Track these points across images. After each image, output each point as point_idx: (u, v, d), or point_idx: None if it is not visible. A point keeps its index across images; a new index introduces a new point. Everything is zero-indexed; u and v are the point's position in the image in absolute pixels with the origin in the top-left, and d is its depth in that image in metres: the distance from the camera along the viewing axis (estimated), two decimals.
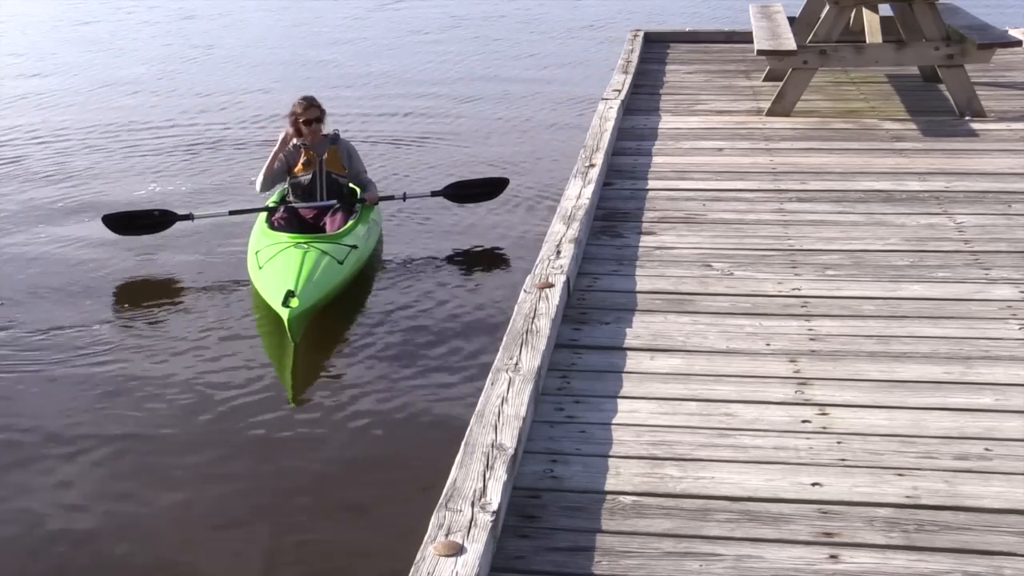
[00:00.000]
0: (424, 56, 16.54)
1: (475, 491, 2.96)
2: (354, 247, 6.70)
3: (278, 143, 7.31)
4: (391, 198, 7.61)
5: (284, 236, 6.63)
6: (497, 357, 3.83)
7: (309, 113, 7.21)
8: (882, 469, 3.28)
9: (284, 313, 5.81)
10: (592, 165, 6.35)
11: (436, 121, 12.00)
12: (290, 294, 5.88)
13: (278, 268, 6.28)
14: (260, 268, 6.42)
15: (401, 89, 13.89)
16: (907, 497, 3.13)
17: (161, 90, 14.00)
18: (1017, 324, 4.31)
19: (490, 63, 15.93)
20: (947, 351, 4.07)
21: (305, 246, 6.44)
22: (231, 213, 7.50)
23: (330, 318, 6.45)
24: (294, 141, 7.28)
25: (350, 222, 6.96)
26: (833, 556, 2.87)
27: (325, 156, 7.25)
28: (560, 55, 16.58)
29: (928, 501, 3.11)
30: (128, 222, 7.50)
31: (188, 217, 7.48)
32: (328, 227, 7.00)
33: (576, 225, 5.25)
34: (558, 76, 14.71)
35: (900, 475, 3.24)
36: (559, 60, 16.11)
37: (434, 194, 7.83)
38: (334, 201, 7.17)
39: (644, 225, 5.65)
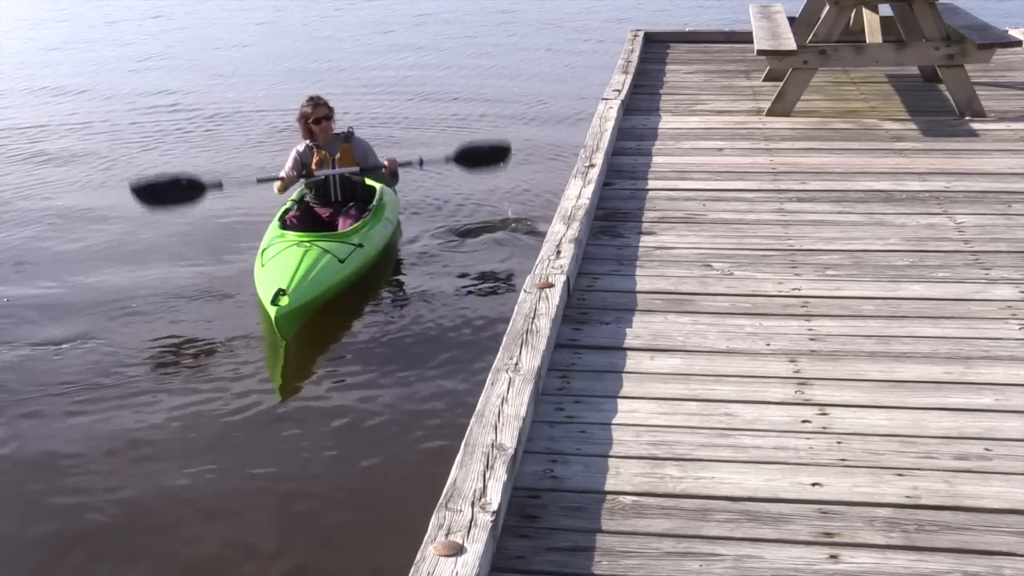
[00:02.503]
0: (420, 55, 16.55)
1: (475, 491, 2.96)
2: (359, 246, 6.65)
3: (290, 158, 7.27)
4: (408, 164, 7.48)
5: (292, 235, 6.62)
6: (497, 357, 3.83)
7: (318, 112, 7.18)
8: (882, 469, 3.28)
9: (272, 311, 5.84)
10: (592, 165, 6.35)
11: (433, 120, 12.00)
12: (280, 292, 5.89)
13: (277, 266, 6.28)
14: (263, 266, 6.42)
15: (396, 88, 13.90)
16: (907, 497, 3.13)
17: (134, 89, 14.10)
18: (1017, 324, 4.31)
19: (488, 63, 15.93)
20: (947, 351, 4.07)
21: (308, 244, 6.43)
22: (259, 181, 7.28)
23: (331, 315, 6.44)
24: (306, 143, 7.24)
25: (361, 221, 6.91)
26: (833, 556, 2.87)
27: (338, 155, 7.20)
28: (559, 55, 16.59)
29: (928, 501, 3.11)
30: (156, 191, 6.92)
31: (218, 185, 7.01)
32: (340, 226, 6.96)
33: (576, 225, 5.25)
34: (557, 76, 14.71)
35: (900, 475, 3.24)
36: (558, 60, 16.11)
37: (447, 160, 7.63)
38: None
39: (644, 225, 5.65)
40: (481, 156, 7.72)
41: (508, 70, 15.27)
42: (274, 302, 5.86)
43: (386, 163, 7.28)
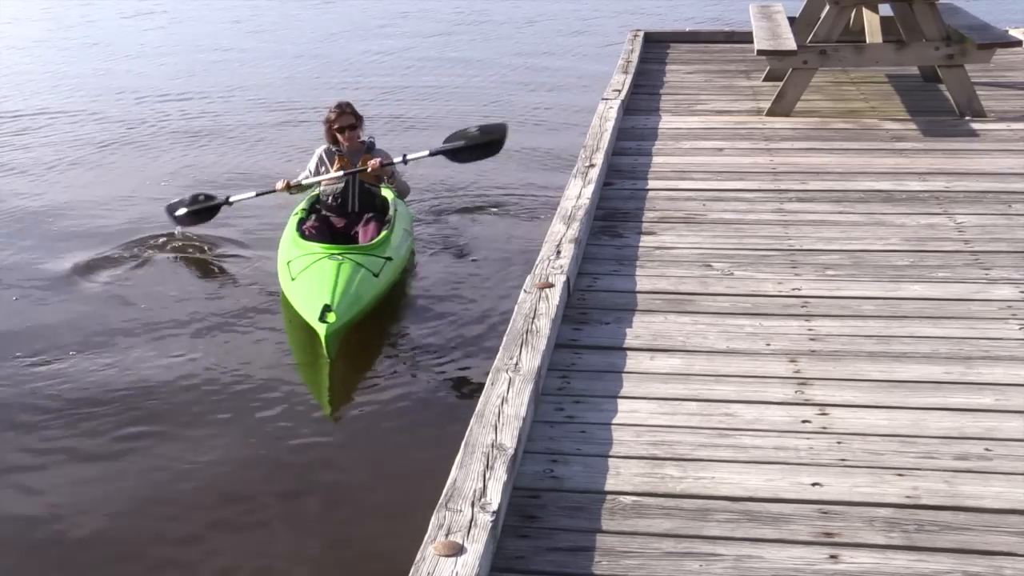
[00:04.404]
0: (418, 56, 16.54)
1: (475, 491, 2.96)
2: (389, 259, 6.41)
3: (312, 160, 7.16)
4: (391, 163, 7.12)
5: (317, 246, 6.35)
6: (497, 357, 3.83)
7: (343, 120, 6.98)
8: (882, 469, 3.28)
9: (321, 329, 5.59)
10: (592, 165, 6.35)
11: (432, 121, 11.99)
12: (327, 308, 5.66)
13: (312, 280, 6.02)
14: (293, 279, 6.16)
15: (396, 89, 13.89)
16: (907, 497, 3.13)
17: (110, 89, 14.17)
18: (1017, 324, 4.31)
19: (488, 63, 15.93)
20: (947, 351, 4.07)
21: (339, 257, 6.16)
22: (258, 195, 7.41)
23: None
24: (328, 147, 7.10)
25: (383, 233, 6.66)
26: (833, 556, 2.87)
27: (359, 164, 7.00)
28: (559, 55, 16.59)
29: (928, 501, 3.11)
30: (185, 207, 7.53)
31: (226, 202, 7.50)
32: (360, 237, 6.74)
33: (576, 225, 5.25)
34: (557, 76, 14.71)
35: (900, 475, 3.24)
36: (558, 60, 16.11)
37: (432, 154, 7.25)
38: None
39: (644, 225, 5.65)
40: (470, 144, 7.24)
41: (505, 70, 15.27)
42: (322, 319, 5.60)
43: (368, 167, 6.93)
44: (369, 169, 6.96)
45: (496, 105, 12.81)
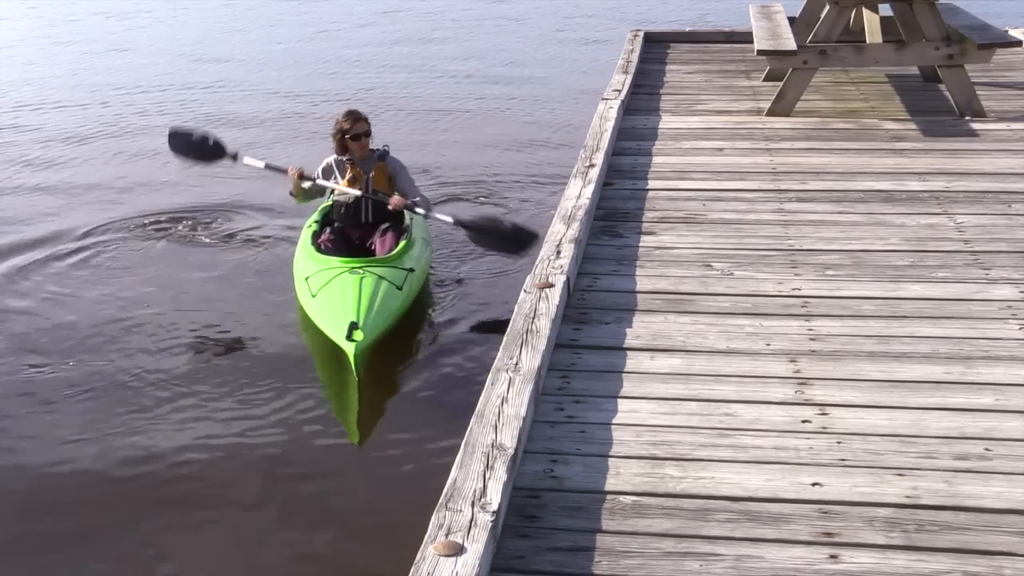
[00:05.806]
0: (420, 58, 16.54)
1: (475, 491, 2.97)
2: (411, 271, 6.17)
3: (320, 168, 6.83)
4: (413, 206, 6.62)
5: (335, 260, 6.09)
6: (497, 357, 3.83)
7: (359, 127, 6.67)
8: (882, 469, 3.28)
9: (349, 348, 5.34)
10: (592, 165, 6.35)
11: (434, 122, 11.99)
12: (353, 326, 5.42)
13: (335, 296, 5.77)
14: (313, 296, 5.89)
15: (396, 90, 13.89)
16: (907, 497, 3.13)
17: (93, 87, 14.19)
18: (1017, 324, 4.31)
19: (488, 64, 15.92)
20: (947, 351, 4.07)
21: (360, 271, 5.91)
22: (267, 167, 7.00)
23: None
24: (337, 157, 6.80)
25: (402, 243, 6.42)
26: (833, 556, 2.87)
27: (372, 174, 6.71)
28: (559, 55, 16.59)
29: (928, 501, 3.11)
30: (187, 141, 7.24)
31: (234, 156, 7.11)
32: (378, 249, 6.49)
33: (576, 225, 5.26)
34: (557, 76, 14.71)
35: (900, 475, 3.24)
36: (558, 60, 16.11)
37: (456, 223, 6.60)
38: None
39: (644, 225, 5.65)
40: (497, 236, 6.62)
41: (505, 71, 15.26)
42: (350, 337, 5.37)
43: (391, 203, 6.55)
44: (391, 207, 6.58)
45: (495, 105, 12.81)
